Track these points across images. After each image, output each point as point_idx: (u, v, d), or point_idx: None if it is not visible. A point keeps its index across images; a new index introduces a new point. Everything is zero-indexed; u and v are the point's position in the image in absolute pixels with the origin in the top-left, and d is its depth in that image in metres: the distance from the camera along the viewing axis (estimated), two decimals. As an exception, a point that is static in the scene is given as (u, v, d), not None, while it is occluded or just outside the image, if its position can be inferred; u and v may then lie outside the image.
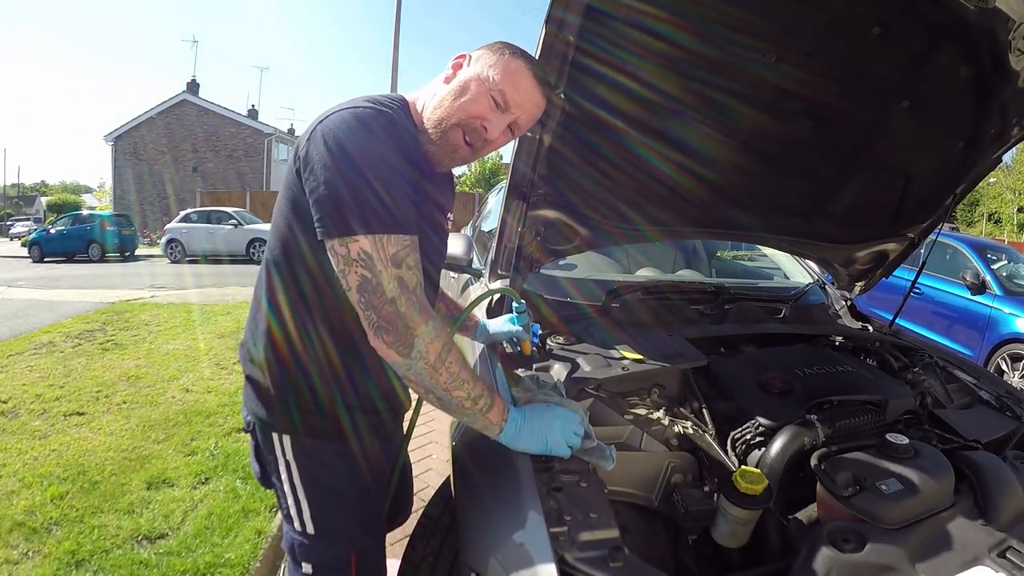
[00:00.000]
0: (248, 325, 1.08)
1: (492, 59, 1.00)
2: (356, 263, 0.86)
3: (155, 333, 5.48)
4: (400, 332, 0.87)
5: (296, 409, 1.01)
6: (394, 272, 0.86)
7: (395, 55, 11.66)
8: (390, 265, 0.86)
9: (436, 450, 2.98)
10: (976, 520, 1.06)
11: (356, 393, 1.03)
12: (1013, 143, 1.59)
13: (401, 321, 0.87)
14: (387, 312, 0.86)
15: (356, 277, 0.86)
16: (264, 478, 1.10)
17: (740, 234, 1.98)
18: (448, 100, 1.00)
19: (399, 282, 0.87)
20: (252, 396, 1.05)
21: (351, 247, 0.85)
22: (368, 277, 0.86)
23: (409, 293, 0.88)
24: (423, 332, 0.88)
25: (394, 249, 0.87)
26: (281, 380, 1.01)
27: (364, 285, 0.86)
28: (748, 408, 1.35)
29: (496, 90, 0.99)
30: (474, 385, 0.94)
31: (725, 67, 1.36)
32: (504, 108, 1.00)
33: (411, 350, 0.88)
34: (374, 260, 0.85)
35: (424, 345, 0.88)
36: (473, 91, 0.99)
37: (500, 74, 0.99)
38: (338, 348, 1.00)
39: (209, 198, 19.73)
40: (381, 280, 0.86)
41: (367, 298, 0.86)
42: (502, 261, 1.61)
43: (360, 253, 0.85)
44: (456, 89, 1.00)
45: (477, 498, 1.06)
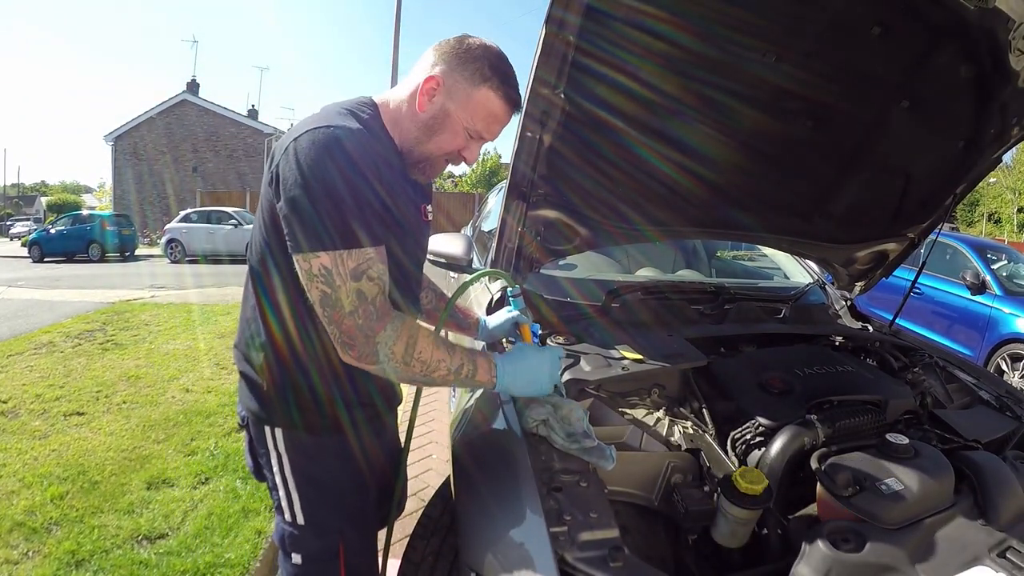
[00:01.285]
0: (240, 325, 1.11)
1: (466, 93, 1.00)
2: (317, 278, 0.89)
3: (155, 333, 5.48)
4: (361, 343, 0.90)
5: (291, 404, 1.03)
6: (353, 286, 0.89)
7: (395, 55, 11.67)
8: (349, 279, 0.89)
9: (436, 450, 2.98)
10: (976, 520, 1.06)
11: (354, 388, 1.06)
12: (1013, 143, 1.59)
13: (360, 333, 0.90)
14: (347, 326, 0.90)
15: (317, 292, 0.90)
16: (257, 471, 1.12)
17: (740, 234, 1.98)
18: (425, 137, 1.03)
19: (357, 295, 0.90)
20: (246, 392, 1.08)
21: (312, 263, 0.89)
22: (328, 292, 0.89)
23: (367, 304, 0.90)
24: (384, 337, 0.91)
25: (354, 264, 0.89)
26: (273, 376, 1.03)
27: (324, 300, 0.90)
28: (748, 408, 1.35)
29: (472, 129, 1.03)
30: (451, 359, 0.98)
31: (725, 67, 1.36)
32: (479, 138, 1.06)
33: (377, 357, 0.91)
34: (333, 275, 0.88)
35: (388, 349, 0.91)
36: (450, 130, 1.02)
37: (473, 113, 1.02)
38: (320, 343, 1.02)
39: (209, 198, 19.75)
40: (340, 295, 0.89)
41: (328, 313, 0.90)
42: (502, 261, 1.61)
43: (320, 269, 0.88)
44: (433, 125, 1.02)
45: (477, 498, 1.06)
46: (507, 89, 1.02)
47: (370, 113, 1.03)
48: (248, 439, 1.12)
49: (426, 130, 1.03)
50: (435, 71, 1.01)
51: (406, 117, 1.05)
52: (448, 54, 1.01)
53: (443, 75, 1.01)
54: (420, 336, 0.96)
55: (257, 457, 1.10)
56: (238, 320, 1.13)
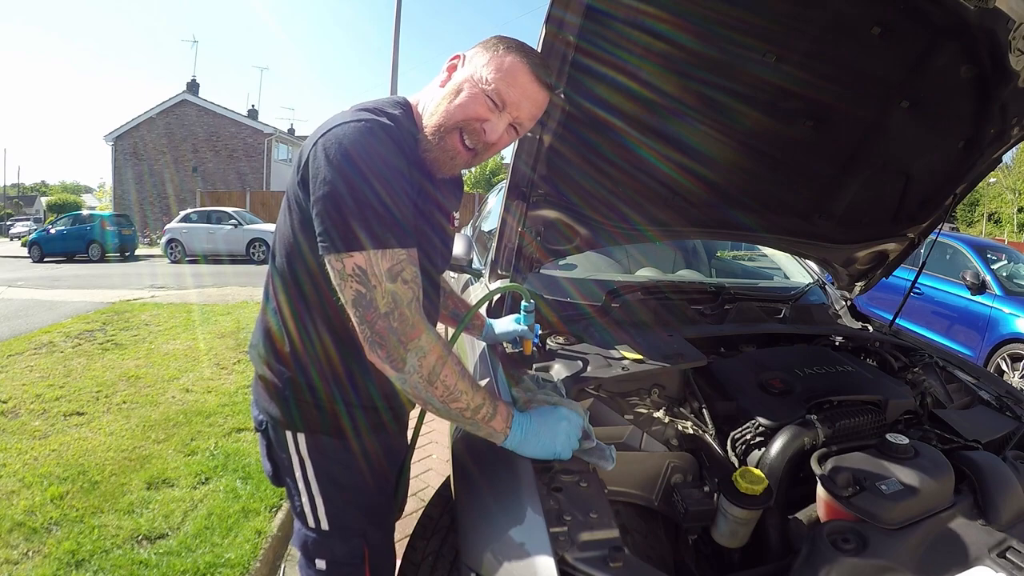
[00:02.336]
0: (259, 326, 1.10)
1: (485, 57, 0.98)
2: (351, 278, 0.87)
3: (155, 333, 5.48)
4: (392, 347, 0.88)
5: (317, 408, 1.02)
6: (388, 287, 0.87)
7: (395, 55, 11.66)
8: (384, 280, 0.87)
9: (436, 450, 2.98)
10: (976, 520, 1.06)
11: (356, 391, 1.04)
12: (1013, 143, 1.59)
13: (393, 336, 0.87)
14: (380, 327, 0.87)
15: (351, 292, 0.87)
16: (276, 477, 1.10)
17: (740, 234, 1.98)
18: (444, 104, 0.99)
19: (392, 297, 0.87)
20: (264, 395, 1.06)
21: (346, 262, 0.86)
22: (362, 292, 0.87)
23: (403, 308, 0.88)
24: (415, 347, 0.88)
25: (388, 264, 0.87)
26: (297, 380, 1.02)
27: (358, 300, 0.87)
28: (748, 408, 1.35)
29: (491, 90, 0.96)
30: (473, 395, 0.94)
31: (725, 67, 1.36)
32: (502, 107, 0.98)
33: (404, 364, 0.88)
34: (368, 275, 0.86)
35: (417, 360, 0.89)
36: (467, 92, 0.97)
37: (494, 72, 0.96)
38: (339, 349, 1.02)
39: (209, 198, 19.76)
40: (375, 295, 0.86)
41: (361, 312, 0.87)
42: (502, 261, 1.61)
43: (355, 268, 0.86)
44: (451, 92, 0.99)
45: (477, 498, 1.06)
46: (532, 61, 0.98)
47: (402, 110, 1.01)
48: (266, 444, 1.09)
49: (444, 99, 0.99)
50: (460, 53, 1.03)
51: (427, 96, 1.04)
52: (473, 47, 1.03)
53: (466, 52, 1.02)
54: (450, 360, 0.92)
55: (277, 462, 1.08)
56: (256, 321, 1.12)
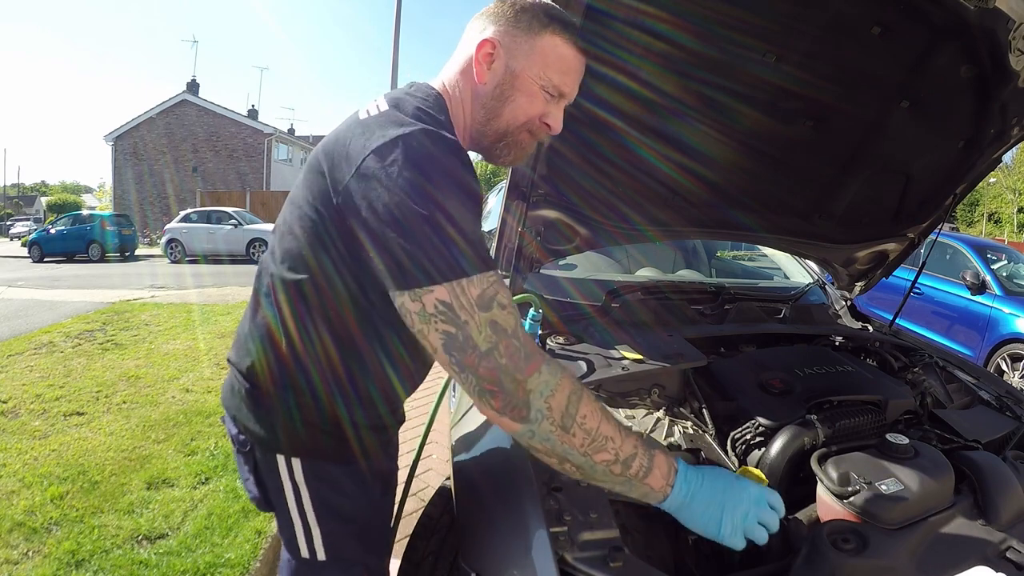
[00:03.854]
0: (246, 339, 0.95)
1: (527, 43, 0.87)
2: (434, 318, 0.72)
3: (155, 333, 5.48)
4: (509, 391, 0.72)
5: (304, 427, 0.90)
6: (483, 317, 0.72)
7: (395, 55, 11.65)
8: (476, 310, 0.71)
9: (436, 450, 2.98)
10: (976, 520, 1.06)
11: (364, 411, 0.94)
12: (1013, 143, 1.59)
13: (507, 376, 0.72)
14: (485, 369, 0.72)
15: (439, 335, 0.72)
16: (264, 501, 0.96)
17: (740, 234, 1.98)
18: (496, 109, 0.89)
19: (492, 327, 0.72)
20: (250, 415, 0.92)
21: (425, 300, 0.71)
22: (453, 332, 0.71)
23: (508, 338, 0.73)
24: (537, 383, 0.73)
25: (478, 290, 0.72)
26: (285, 397, 0.89)
27: (450, 343, 0.72)
28: (748, 408, 1.35)
29: (549, 85, 0.88)
30: (623, 441, 0.77)
31: (725, 67, 1.36)
32: (560, 96, 0.91)
33: (529, 411, 0.72)
34: (455, 309, 0.71)
35: (543, 401, 0.73)
36: (523, 91, 0.88)
37: (543, 64, 0.87)
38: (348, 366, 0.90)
39: (209, 198, 19.79)
40: (469, 331, 0.71)
41: (458, 357, 0.72)
42: (502, 261, 1.61)
43: (437, 306, 0.71)
44: (501, 93, 0.89)
45: (477, 498, 1.06)
46: (572, 32, 0.89)
47: (444, 113, 0.87)
48: (251, 465, 0.94)
49: (494, 101, 0.88)
50: (487, 34, 0.88)
51: (467, 98, 0.90)
52: (495, 15, 0.89)
53: (497, 35, 0.87)
54: (585, 395, 0.75)
55: (265, 485, 0.95)
56: (240, 333, 0.97)
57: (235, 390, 0.95)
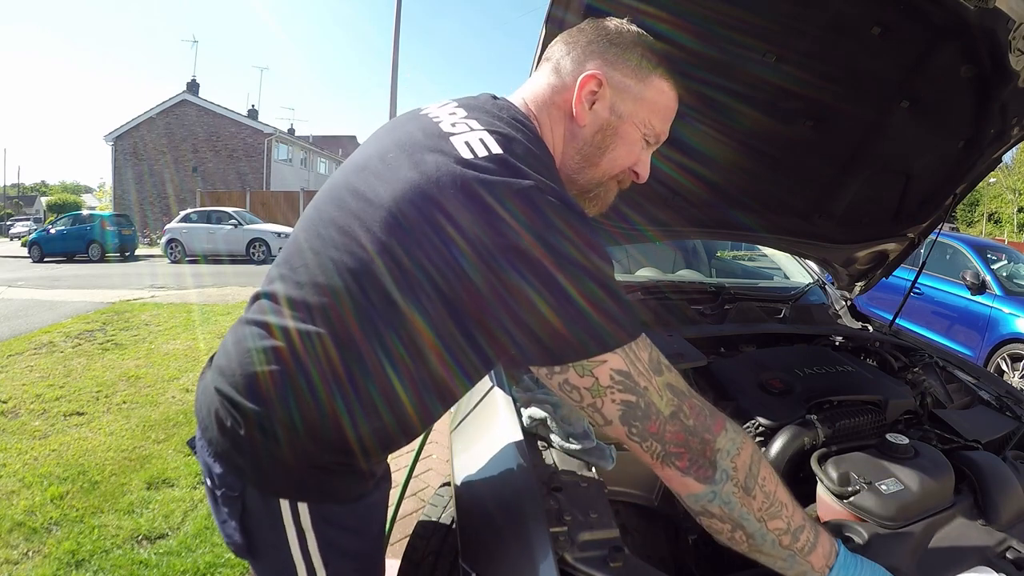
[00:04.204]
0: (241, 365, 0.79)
1: (637, 87, 0.80)
2: (611, 390, 0.66)
3: (155, 333, 5.48)
4: (696, 452, 0.68)
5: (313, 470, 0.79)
6: (659, 381, 0.68)
7: (395, 55, 11.66)
8: (652, 375, 0.67)
9: (436, 450, 2.98)
10: (976, 520, 1.06)
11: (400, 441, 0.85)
12: (1013, 143, 1.59)
13: (694, 437, 0.68)
14: (673, 432, 0.68)
15: (616, 407, 0.67)
16: (247, 548, 0.81)
17: (740, 234, 1.98)
18: (595, 158, 0.82)
19: (671, 390, 0.68)
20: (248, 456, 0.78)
21: (599, 373, 0.66)
22: (633, 401, 0.67)
23: (688, 399, 0.69)
24: (724, 442, 0.69)
25: (646, 354, 0.68)
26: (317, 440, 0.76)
27: (630, 412, 0.67)
28: (748, 408, 1.35)
29: (652, 133, 0.83)
30: (793, 511, 0.73)
31: (725, 67, 1.36)
32: (656, 143, 0.86)
33: (715, 471, 0.69)
34: (633, 377, 0.66)
35: (729, 461, 0.69)
36: (626, 139, 0.81)
37: (650, 110, 0.81)
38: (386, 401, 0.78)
39: (209, 198, 19.79)
40: (651, 398, 0.67)
41: (641, 427, 0.67)
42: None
43: (613, 375, 0.66)
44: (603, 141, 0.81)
45: (477, 498, 1.06)
46: (673, 73, 0.82)
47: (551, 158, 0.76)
48: (236, 509, 0.80)
49: (593, 148, 0.81)
50: (589, 67, 0.79)
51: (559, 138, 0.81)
52: (596, 43, 0.80)
53: (603, 70, 0.78)
54: (763, 458, 0.72)
55: (251, 532, 0.81)
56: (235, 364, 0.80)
57: (227, 427, 0.78)
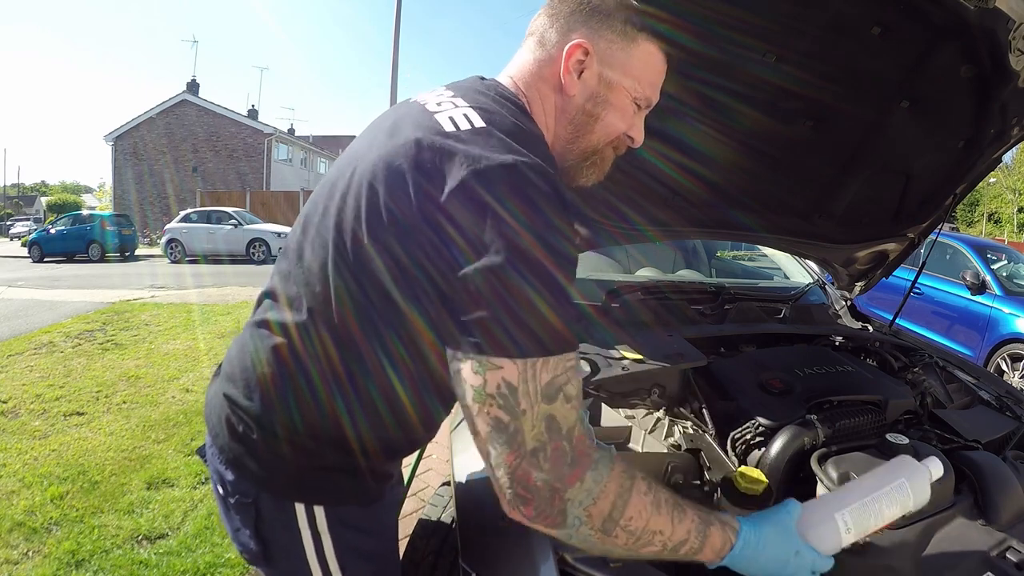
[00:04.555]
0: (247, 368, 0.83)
1: (623, 51, 0.79)
2: (491, 400, 0.62)
3: (155, 333, 5.49)
4: (543, 502, 0.63)
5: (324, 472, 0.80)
6: (543, 410, 0.62)
7: (395, 55, 11.66)
8: (539, 401, 0.62)
9: (436, 450, 2.98)
10: (976, 520, 1.06)
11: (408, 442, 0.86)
12: (1013, 143, 1.59)
13: (545, 486, 0.63)
14: (523, 473, 0.63)
15: (487, 420, 0.63)
16: (264, 556, 0.82)
17: (740, 234, 1.98)
18: (587, 126, 0.82)
19: (547, 424, 0.63)
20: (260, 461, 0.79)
21: (489, 377, 0.62)
22: (505, 422, 0.62)
23: (559, 440, 0.63)
24: (577, 494, 0.64)
25: (550, 376, 0.63)
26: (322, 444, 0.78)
27: (498, 431, 0.63)
28: (748, 408, 1.35)
29: (642, 97, 0.83)
30: (674, 530, 0.69)
31: (725, 67, 1.36)
32: (646, 107, 0.85)
33: (564, 520, 0.64)
34: (519, 396, 0.62)
35: (582, 511, 0.64)
36: (616, 105, 0.81)
37: (639, 73, 0.81)
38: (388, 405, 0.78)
39: (209, 198, 19.79)
40: (522, 425, 0.62)
41: (498, 451, 0.63)
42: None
43: (501, 386, 0.62)
44: (595, 108, 0.81)
45: (477, 498, 1.06)
46: (661, 36, 0.82)
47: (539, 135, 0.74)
48: (251, 517, 0.81)
49: (585, 116, 0.80)
50: (574, 37, 0.77)
51: (550, 110, 0.81)
52: (579, 12, 0.79)
53: (588, 38, 0.77)
54: (635, 491, 0.67)
55: (266, 540, 0.82)
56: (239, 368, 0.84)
57: (239, 432, 0.80)
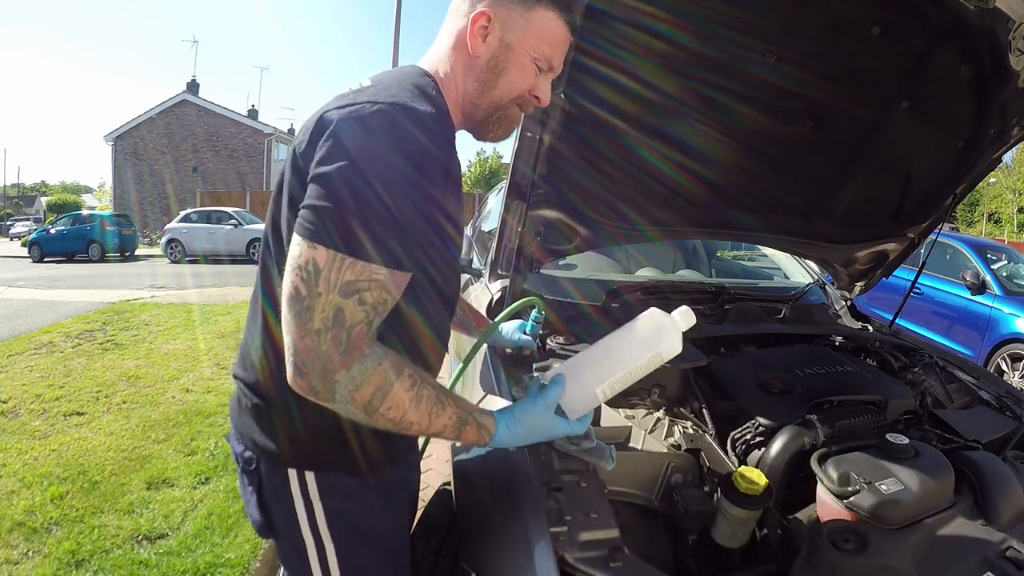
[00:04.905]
0: (250, 347, 0.92)
1: (523, 18, 0.88)
2: (298, 270, 0.72)
3: (155, 333, 5.48)
4: (315, 377, 0.73)
5: (320, 439, 0.87)
6: (335, 300, 0.72)
7: (395, 55, 11.64)
8: (335, 292, 0.71)
9: (436, 450, 2.98)
10: (976, 520, 1.06)
11: None
12: (1013, 143, 1.59)
13: (318, 362, 0.72)
14: (303, 346, 0.72)
15: (290, 286, 0.73)
16: (266, 525, 0.91)
17: (740, 234, 1.98)
18: (490, 82, 0.91)
19: (335, 314, 0.72)
20: (255, 426, 0.89)
21: (304, 251, 0.72)
22: (301, 294, 0.72)
23: (340, 330, 0.72)
24: (343, 379, 0.73)
25: (353, 277, 0.72)
26: (299, 406, 0.85)
27: (293, 301, 0.72)
28: (748, 408, 1.35)
29: (541, 58, 0.91)
30: (430, 424, 0.81)
31: (725, 67, 1.36)
32: (549, 69, 0.94)
33: (334, 396, 0.74)
34: (319, 279, 0.71)
35: (347, 393, 0.74)
36: (516, 64, 0.90)
37: (537, 37, 0.89)
38: None
39: (209, 198, 19.77)
40: (314, 304, 0.71)
41: (289, 320, 0.73)
42: (502, 261, 1.61)
43: (309, 263, 0.72)
44: (496, 66, 0.90)
45: (477, 498, 1.06)
46: (562, 5, 0.91)
47: (435, 87, 0.86)
48: (255, 485, 0.90)
49: (488, 74, 0.90)
50: (480, 6, 0.88)
51: (459, 71, 0.91)
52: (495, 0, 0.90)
53: (490, 7, 0.88)
54: (398, 387, 0.77)
55: (268, 509, 0.90)
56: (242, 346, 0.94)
57: (242, 405, 0.92)
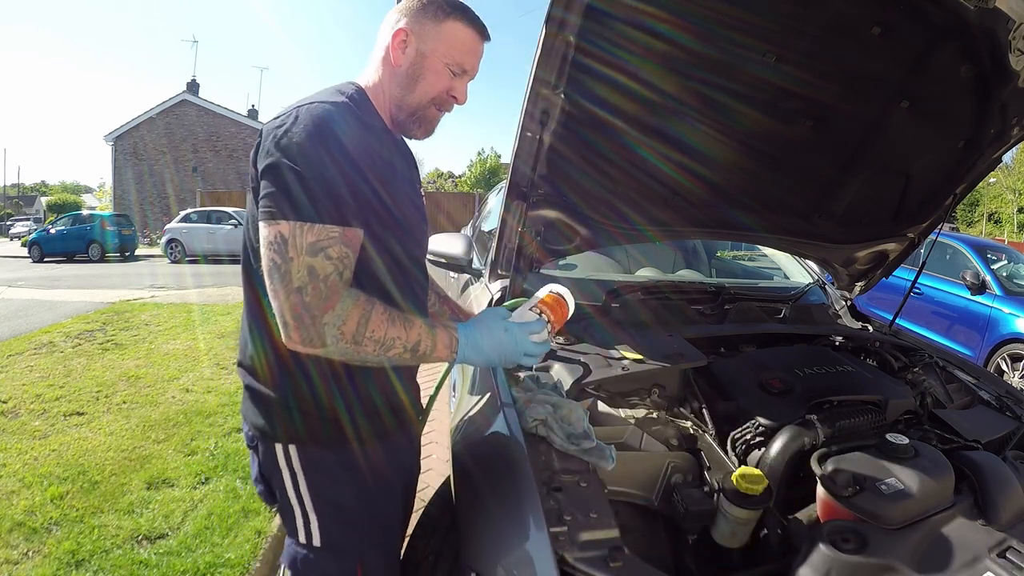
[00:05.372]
0: (242, 335, 1.06)
1: (434, 30, 1.02)
2: (271, 246, 0.86)
3: (155, 333, 5.48)
4: (307, 325, 0.85)
5: (299, 414, 0.98)
6: (306, 260, 0.85)
7: (395, 55, 11.64)
8: (303, 253, 0.85)
9: (436, 450, 2.97)
10: (976, 520, 1.06)
11: (358, 396, 1.00)
12: (1013, 143, 1.59)
13: (306, 313, 0.85)
14: (292, 303, 0.85)
15: (268, 261, 0.87)
16: (269, 494, 1.05)
17: (740, 234, 1.98)
18: (409, 86, 1.04)
19: (309, 271, 0.85)
20: (251, 407, 1.02)
21: (271, 230, 0.86)
22: (278, 263, 0.85)
23: (317, 282, 0.86)
24: (332, 317, 0.86)
25: (314, 238, 0.86)
26: (281, 385, 0.98)
27: (273, 269, 0.86)
28: (748, 408, 1.35)
29: (452, 63, 1.03)
30: (408, 335, 0.93)
31: (725, 67, 1.36)
32: (463, 73, 1.06)
33: (324, 339, 0.86)
34: (288, 247, 0.85)
35: (336, 330, 0.87)
36: (431, 70, 1.03)
37: (448, 46, 1.03)
38: None
39: (209, 198, 19.74)
40: (290, 267, 0.85)
41: (275, 285, 0.86)
42: (502, 261, 1.61)
43: (277, 237, 0.86)
44: (413, 72, 1.03)
45: (477, 498, 1.06)
46: (471, 18, 1.04)
47: (355, 89, 1.03)
48: (256, 462, 1.05)
49: (408, 80, 1.03)
50: (399, 25, 1.03)
51: (386, 80, 1.05)
52: (406, 8, 1.04)
53: (408, 25, 1.02)
54: (375, 313, 0.90)
55: (269, 480, 1.03)
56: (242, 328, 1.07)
57: (245, 387, 1.04)
